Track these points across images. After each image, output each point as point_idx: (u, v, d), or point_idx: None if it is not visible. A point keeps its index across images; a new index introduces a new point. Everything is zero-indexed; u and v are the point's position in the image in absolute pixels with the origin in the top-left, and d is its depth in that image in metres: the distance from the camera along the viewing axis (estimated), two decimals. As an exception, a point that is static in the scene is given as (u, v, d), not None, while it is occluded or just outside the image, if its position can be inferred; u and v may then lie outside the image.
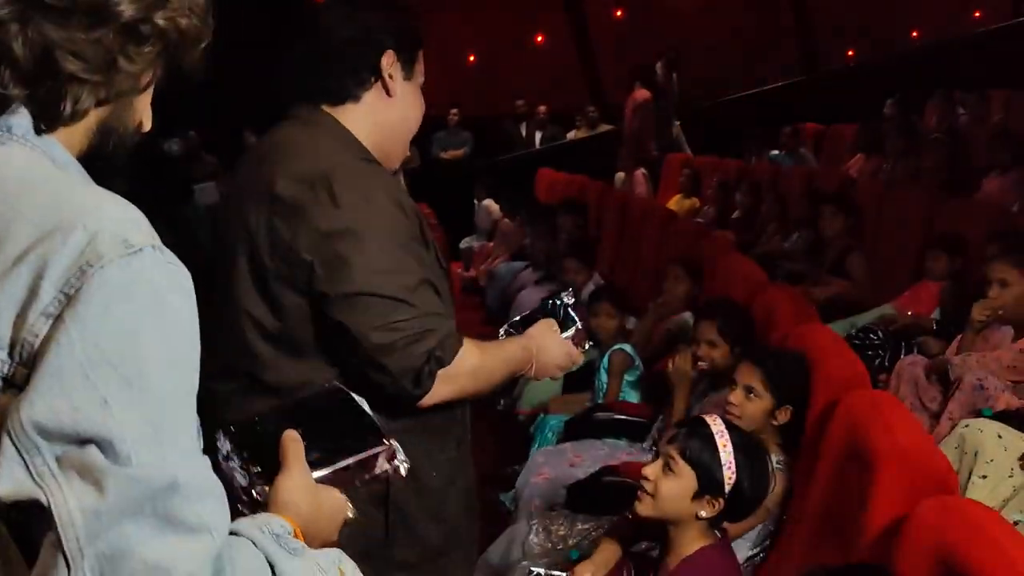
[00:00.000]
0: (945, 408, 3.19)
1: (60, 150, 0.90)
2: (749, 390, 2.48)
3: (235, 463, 1.14)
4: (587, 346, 1.93)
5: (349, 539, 1.49)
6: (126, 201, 0.87)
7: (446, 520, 1.66)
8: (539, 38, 11.55)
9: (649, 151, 8.88)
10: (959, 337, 3.25)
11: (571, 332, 1.83)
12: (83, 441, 0.77)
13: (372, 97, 1.61)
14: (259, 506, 1.09)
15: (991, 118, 7.41)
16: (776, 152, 8.21)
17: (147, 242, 0.82)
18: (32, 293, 0.78)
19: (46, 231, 0.80)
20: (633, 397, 3.68)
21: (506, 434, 4.22)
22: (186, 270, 0.85)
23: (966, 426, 2.86)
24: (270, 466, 1.11)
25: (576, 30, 11.43)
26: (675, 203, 8.17)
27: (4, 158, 0.87)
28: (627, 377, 3.71)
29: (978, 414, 2.99)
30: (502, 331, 1.87)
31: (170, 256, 0.84)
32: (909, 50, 10.74)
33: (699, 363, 3.08)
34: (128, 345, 0.78)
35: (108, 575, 0.77)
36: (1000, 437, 2.77)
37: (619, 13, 11.46)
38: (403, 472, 1.22)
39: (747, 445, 1.98)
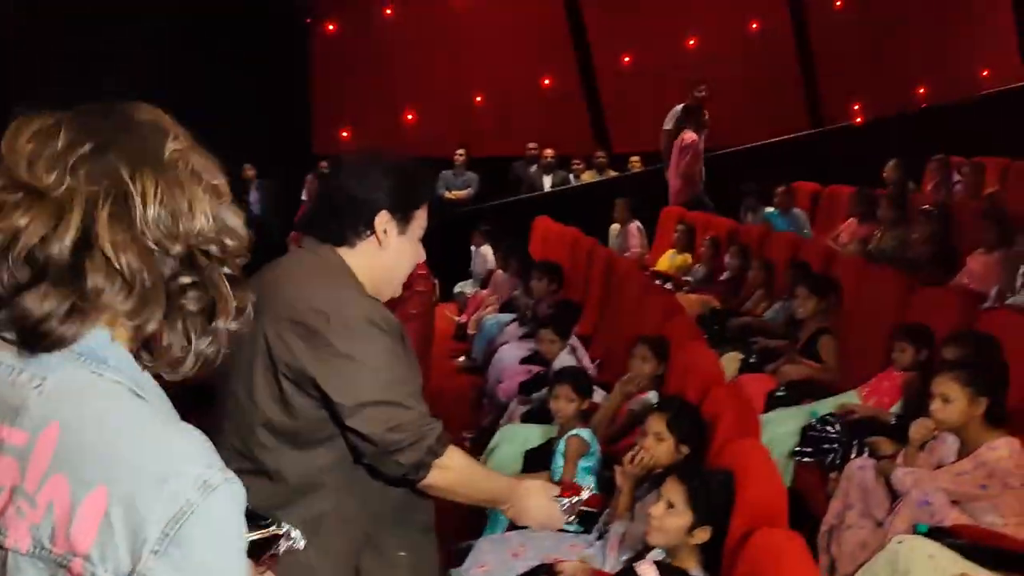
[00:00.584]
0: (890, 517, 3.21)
1: (148, 378, 1.07)
2: (671, 504, 2.52)
3: None
4: (574, 520, 2.18)
5: None
6: (196, 433, 1.04)
7: None
8: (547, 81, 11.63)
9: (699, 189, 8.94)
10: (903, 451, 3.27)
11: (566, 503, 2.05)
12: None
13: (367, 245, 1.95)
14: None
15: (985, 188, 7.41)
16: (771, 210, 8.24)
17: (219, 479, 1.01)
18: (140, 531, 0.97)
19: (144, 475, 0.98)
20: (588, 483, 3.70)
21: (467, 508, 4.23)
22: (239, 481, 1.05)
23: (900, 542, 2.87)
24: None
25: (583, 75, 11.52)
26: (667, 258, 8.22)
27: (99, 393, 1.02)
28: (582, 463, 3.73)
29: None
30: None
31: (231, 478, 1.02)
32: (913, 110, 10.75)
33: (643, 458, 3.11)
34: (223, 562, 1.01)
35: None
36: (931, 557, 2.78)
37: (627, 59, 11.52)
38: (300, 545, 1.39)
39: None
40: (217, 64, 11.00)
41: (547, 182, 11.00)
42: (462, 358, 7.37)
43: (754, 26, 11.49)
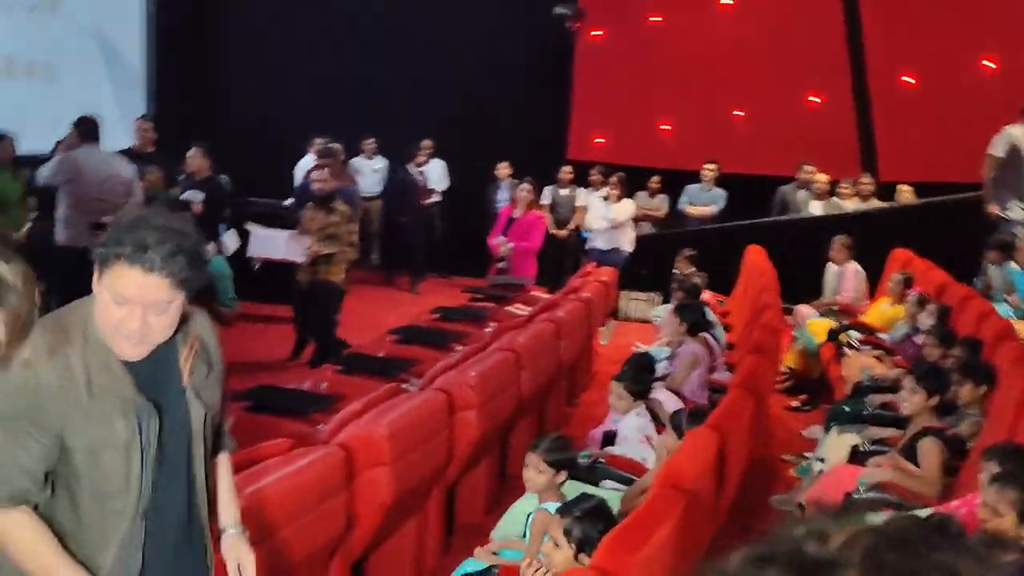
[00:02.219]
0: None
1: None
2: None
3: None
4: None
5: None
6: None
7: None
8: (813, 98, 10.79)
9: None
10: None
11: None
12: None
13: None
14: None
15: None
16: (1014, 266, 7.07)
17: None
18: None
19: None
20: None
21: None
22: None
23: None
24: None
25: (856, 93, 10.56)
26: (877, 308, 7.37)
27: None
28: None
29: None
30: None
31: None
32: None
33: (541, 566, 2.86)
34: None
35: None
36: None
37: (907, 79, 10.39)
38: None
39: None
40: (482, 64, 11.42)
41: (816, 209, 10.20)
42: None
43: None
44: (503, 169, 11.23)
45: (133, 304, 1.88)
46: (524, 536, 3.81)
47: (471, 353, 5.04)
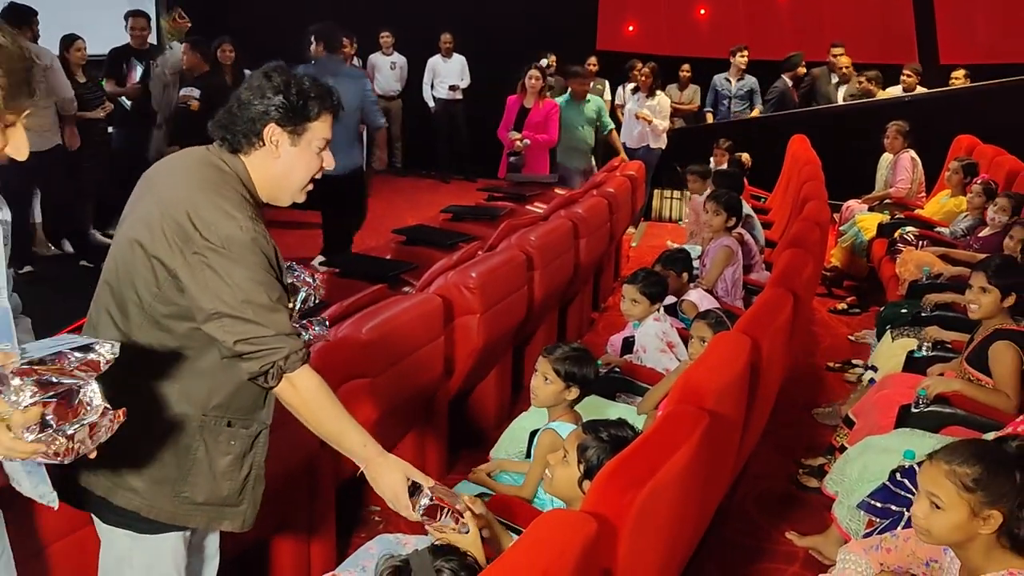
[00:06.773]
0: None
1: None
2: None
3: None
4: (425, 521, 2.00)
5: (153, 469, 2.01)
6: None
7: (236, 480, 2.08)
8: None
9: None
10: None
11: (424, 503, 1.96)
12: None
13: (261, 154, 2.07)
14: None
15: None
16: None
17: None
18: None
19: None
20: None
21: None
22: None
23: None
24: None
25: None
26: (937, 202, 6.67)
27: None
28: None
29: None
30: None
31: None
32: None
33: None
34: None
35: None
36: None
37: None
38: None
39: None
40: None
41: (841, 94, 9.42)
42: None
43: None
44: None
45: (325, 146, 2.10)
46: (526, 456, 3.31)
47: (474, 253, 4.49)
